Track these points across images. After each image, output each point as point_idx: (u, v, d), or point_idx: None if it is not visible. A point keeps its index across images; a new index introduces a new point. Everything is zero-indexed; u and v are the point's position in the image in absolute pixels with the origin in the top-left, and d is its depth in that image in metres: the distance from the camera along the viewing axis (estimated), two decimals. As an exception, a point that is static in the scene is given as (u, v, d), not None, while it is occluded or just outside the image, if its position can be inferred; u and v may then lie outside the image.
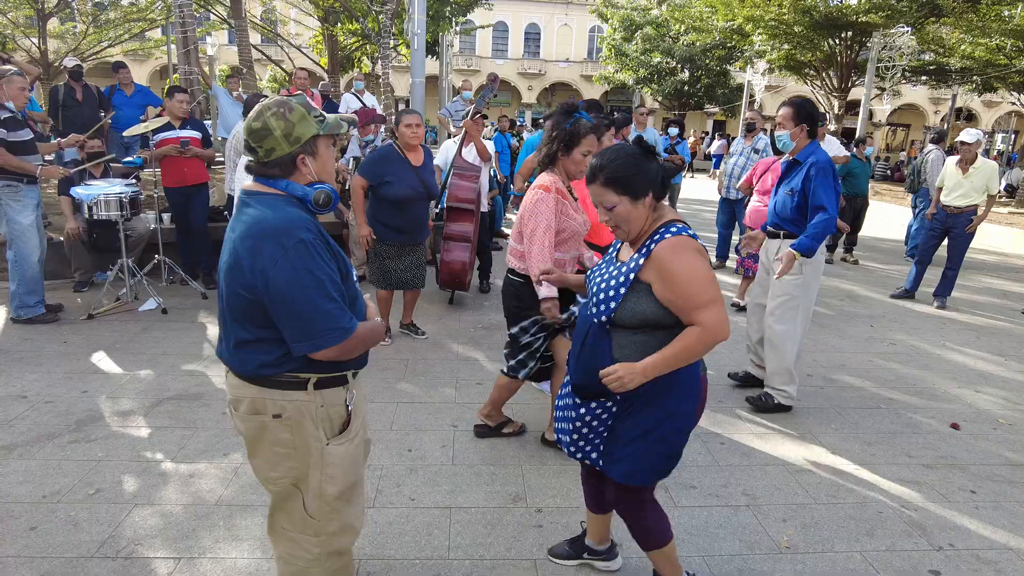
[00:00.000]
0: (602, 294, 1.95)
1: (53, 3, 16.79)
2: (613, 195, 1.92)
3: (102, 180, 5.53)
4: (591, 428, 2.08)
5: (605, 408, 2.03)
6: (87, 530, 2.57)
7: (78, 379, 3.97)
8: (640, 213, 1.93)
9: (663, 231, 1.91)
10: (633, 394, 1.94)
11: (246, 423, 1.78)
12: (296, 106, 1.69)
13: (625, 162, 1.92)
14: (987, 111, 38.31)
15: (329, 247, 1.70)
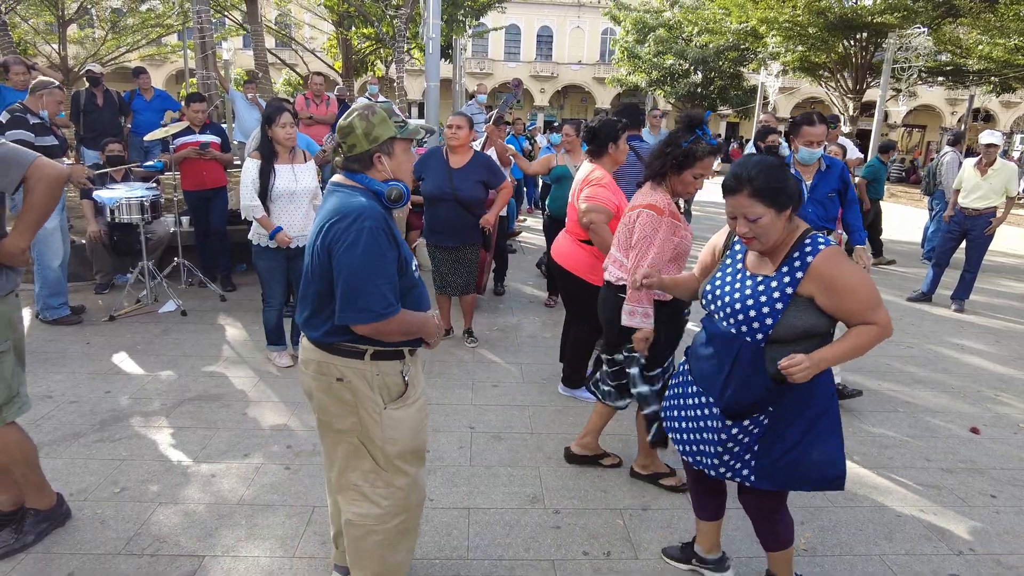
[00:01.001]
0: (752, 311, 1.94)
1: (73, 9, 17.08)
2: (760, 207, 1.89)
3: (123, 184, 5.62)
4: (743, 445, 2.06)
5: (758, 423, 2.03)
6: (114, 527, 2.62)
7: (101, 380, 4.04)
8: (780, 225, 1.92)
9: (809, 243, 1.93)
10: (784, 409, 1.98)
11: (317, 382, 1.99)
12: (379, 110, 1.91)
13: (772, 174, 1.90)
14: (1005, 112, 37.84)
15: (393, 239, 1.86)
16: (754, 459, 2.06)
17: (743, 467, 2.08)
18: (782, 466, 2.02)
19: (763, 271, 1.99)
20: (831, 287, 1.87)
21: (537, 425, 3.66)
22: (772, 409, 2.00)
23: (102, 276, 5.90)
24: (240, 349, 4.65)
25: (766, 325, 1.92)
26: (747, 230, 1.92)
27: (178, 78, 30.94)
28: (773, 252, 1.97)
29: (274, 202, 4.01)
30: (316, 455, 3.24)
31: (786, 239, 1.96)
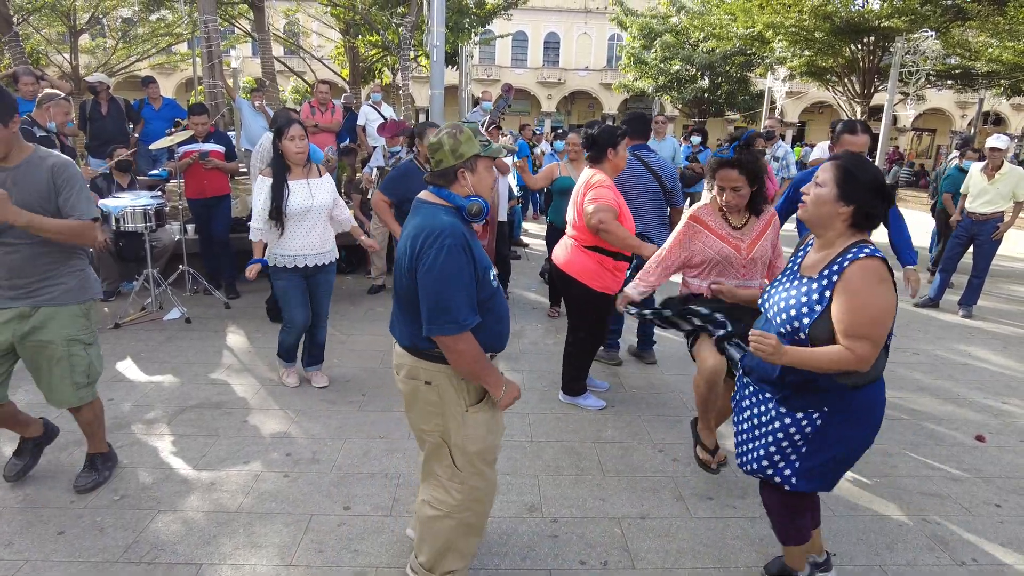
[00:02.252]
0: (792, 311, 2.03)
1: (84, 20, 17.28)
2: (831, 178, 1.99)
3: (128, 192, 5.67)
4: (793, 444, 2.12)
5: (811, 420, 2.07)
6: (112, 535, 2.63)
7: (105, 387, 4.05)
8: (834, 212, 1.98)
9: (856, 250, 1.96)
10: (837, 411, 2.04)
11: (405, 385, 2.19)
12: (466, 129, 2.07)
13: (862, 167, 1.99)
14: (1016, 115, 37.51)
15: (471, 253, 2.00)
16: (799, 460, 2.12)
17: (787, 467, 2.15)
18: (825, 469, 2.11)
19: (810, 273, 2.06)
20: (845, 290, 1.92)
21: (537, 433, 3.65)
22: (827, 409, 2.05)
23: (108, 284, 5.94)
24: (243, 357, 4.67)
25: (803, 324, 1.99)
26: (807, 195, 2.05)
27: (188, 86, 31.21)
28: (825, 255, 2.04)
29: (289, 219, 3.78)
30: (315, 463, 3.25)
31: (840, 243, 2.02)
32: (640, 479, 3.21)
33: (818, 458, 2.10)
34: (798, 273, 2.12)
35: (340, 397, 4.04)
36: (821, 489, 2.19)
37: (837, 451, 2.09)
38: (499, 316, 2.16)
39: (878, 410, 2.09)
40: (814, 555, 2.45)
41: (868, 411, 2.07)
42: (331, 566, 2.51)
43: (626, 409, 4.01)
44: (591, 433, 3.68)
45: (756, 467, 2.23)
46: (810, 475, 2.12)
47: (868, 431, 2.10)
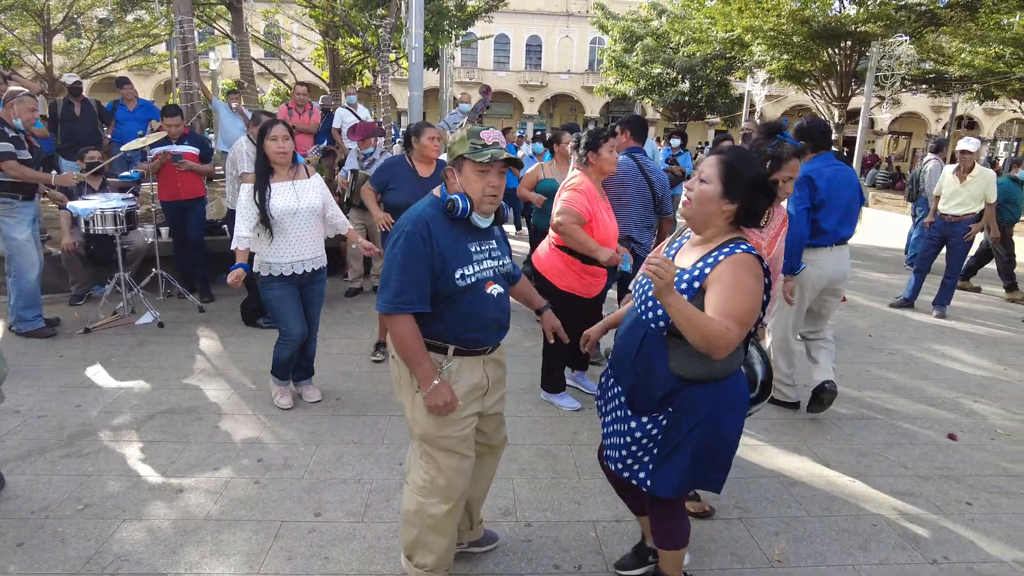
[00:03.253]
0: (654, 300, 1.96)
1: (59, 20, 17.01)
2: (716, 175, 1.93)
3: (99, 194, 5.56)
4: (642, 446, 2.06)
5: (657, 423, 2.02)
6: (74, 546, 2.56)
7: (72, 393, 3.97)
8: (716, 211, 1.93)
9: (733, 246, 1.91)
10: (684, 410, 1.96)
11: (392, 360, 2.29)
12: (461, 131, 2.15)
13: (748, 162, 1.93)
14: (989, 119, 38.26)
15: (432, 245, 2.06)
16: (652, 463, 2.05)
17: (640, 469, 2.09)
18: (675, 474, 2.02)
19: (682, 264, 2.01)
20: (720, 279, 1.86)
21: (513, 436, 3.62)
22: (672, 410, 1.98)
23: (78, 287, 5.83)
24: (217, 361, 4.59)
25: (666, 313, 1.88)
26: (690, 191, 1.98)
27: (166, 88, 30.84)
28: (701, 249, 1.99)
29: (276, 223, 3.56)
30: (287, 468, 3.20)
31: (717, 239, 1.96)
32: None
33: (673, 461, 2.01)
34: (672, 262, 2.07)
35: (314, 402, 3.98)
36: (683, 492, 2.06)
37: (691, 450, 1.99)
38: (469, 314, 2.14)
39: (731, 408, 2.00)
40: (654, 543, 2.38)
41: (720, 406, 1.97)
42: (301, 574, 2.47)
43: (603, 411, 4.00)
44: (567, 435, 3.67)
45: (615, 468, 2.17)
46: (666, 478, 2.03)
47: (722, 427, 1.99)
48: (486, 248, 2.21)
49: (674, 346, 1.95)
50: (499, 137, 2.13)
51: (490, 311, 2.20)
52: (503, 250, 2.31)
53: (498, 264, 2.25)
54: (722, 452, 2.04)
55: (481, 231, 2.20)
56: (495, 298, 2.21)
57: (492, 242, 2.25)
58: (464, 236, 2.15)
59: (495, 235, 2.30)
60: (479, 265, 2.16)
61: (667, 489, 2.04)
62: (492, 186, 2.12)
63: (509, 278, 2.34)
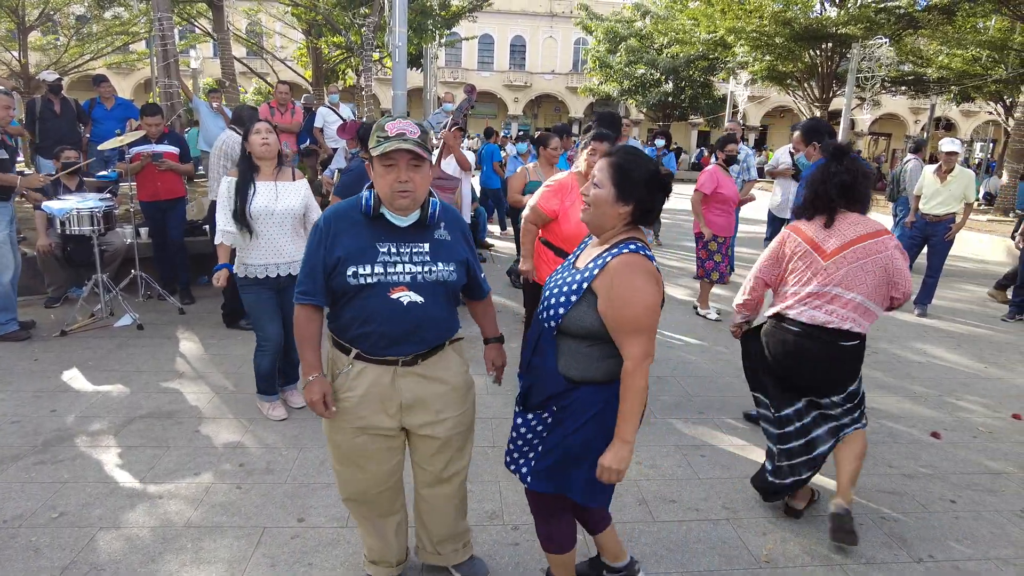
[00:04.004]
0: (553, 299, 1.94)
1: (34, 16, 16.69)
2: (608, 178, 1.90)
3: (75, 194, 5.45)
4: (527, 441, 2.04)
5: (541, 420, 2.00)
6: (48, 556, 2.49)
7: (47, 398, 3.88)
8: (611, 213, 1.90)
9: (623, 246, 1.88)
10: (568, 410, 1.93)
11: None
12: (376, 126, 1.97)
13: (636, 161, 1.90)
14: (965, 120, 38.91)
15: (331, 240, 2.00)
16: (536, 459, 2.03)
17: (524, 464, 2.06)
18: (556, 474, 1.99)
19: (579, 265, 1.98)
20: (608, 287, 1.83)
21: (499, 438, 3.59)
22: (556, 409, 1.95)
23: (54, 289, 5.70)
24: (197, 364, 4.51)
25: (558, 314, 1.90)
26: (587, 194, 1.94)
27: (146, 87, 30.44)
28: (597, 250, 1.96)
29: (255, 221, 3.48)
30: (269, 473, 3.14)
31: (612, 240, 1.93)
32: (603, 483, 3.18)
33: (551, 457, 1.98)
34: (573, 265, 2.03)
35: (299, 408, 3.92)
36: (560, 491, 2.01)
37: (570, 450, 1.95)
38: (363, 318, 2.01)
39: (610, 407, 1.92)
40: (607, 558, 2.36)
41: (604, 410, 1.91)
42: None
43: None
44: (555, 437, 3.64)
45: (506, 460, 2.14)
46: (545, 474, 2.00)
47: (605, 431, 1.92)
48: (407, 251, 2.02)
49: (563, 346, 1.93)
50: (406, 127, 1.92)
51: (393, 319, 2.00)
52: (444, 257, 2.07)
53: (423, 270, 2.02)
54: (594, 453, 1.93)
55: (407, 232, 2.03)
56: (403, 306, 2.00)
57: (424, 246, 2.04)
58: (378, 235, 2.01)
59: (434, 238, 2.08)
60: (387, 268, 1.98)
61: (541, 485, 2.02)
62: (400, 181, 1.92)
63: (449, 288, 2.10)
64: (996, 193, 17.02)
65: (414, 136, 1.92)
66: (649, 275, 1.84)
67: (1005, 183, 15.18)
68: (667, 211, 12.79)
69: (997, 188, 17.08)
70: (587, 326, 1.87)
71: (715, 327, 5.87)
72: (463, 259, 2.14)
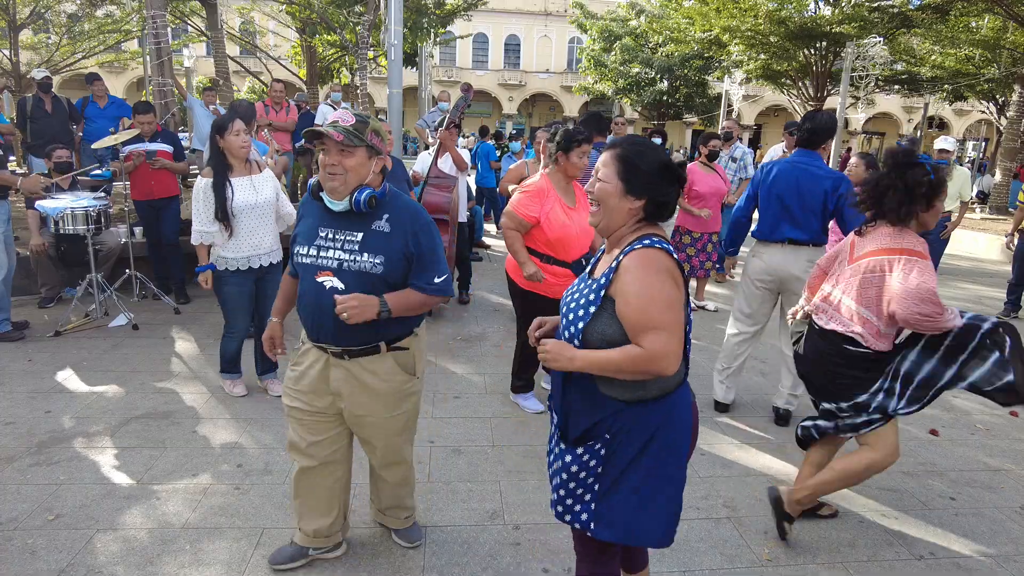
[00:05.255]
0: (571, 314, 1.76)
1: (25, 14, 16.57)
2: (614, 172, 1.75)
3: (69, 193, 5.40)
4: (581, 482, 1.77)
5: (594, 453, 1.74)
6: (44, 558, 2.46)
7: (42, 399, 3.84)
8: (621, 208, 1.75)
9: (637, 242, 1.71)
10: (621, 436, 1.71)
11: None
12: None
13: (644, 152, 1.74)
14: (958, 119, 39.12)
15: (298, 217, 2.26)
16: (594, 500, 1.76)
17: (582, 510, 1.77)
18: (623, 513, 1.73)
19: (596, 274, 1.81)
20: (620, 283, 1.67)
21: (499, 437, 3.58)
22: (608, 436, 1.72)
23: (48, 290, 5.65)
24: (193, 364, 4.48)
25: (578, 329, 1.71)
26: (593, 189, 1.80)
27: (139, 85, 30.27)
28: (611, 248, 1.81)
29: (237, 218, 3.59)
30: (267, 474, 3.12)
31: (626, 240, 1.75)
32: (604, 482, 3.17)
33: (613, 496, 1.73)
34: (589, 276, 1.86)
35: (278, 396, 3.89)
36: (630, 541, 1.75)
37: (634, 483, 1.72)
38: (300, 297, 2.22)
39: (677, 427, 1.74)
40: None
41: (662, 429, 1.71)
42: (283, 583, 2.40)
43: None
44: (554, 436, 3.63)
45: (555, 511, 1.85)
46: (610, 519, 1.73)
47: (668, 451, 1.73)
48: (341, 238, 2.09)
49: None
50: (341, 115, 2.04)
51: (314, 302, 2.13)
52: (373, 249, 2.07)
53: (349, 259, 2.07)
54: (665, 483, 1.74)
55: (345, 219, 2.11)
56: (325, 291, 2.09)
57: (357, 235, 2.09)
58: (323, 219, 2.14)
59: (371, 229, 2.10)
60: (320, 251, 2.10)
61: (611, 531, 1.74)
62: (327, 165, 2.05)
63: (375, 282, 2.08)
64: (989, 191, 17.13)
65: (345, 125, 2.03)
66: (665, 270, 1.66)
67: (998, 181, 15.27)
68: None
69: (990, 187, 17.19)
70: (610, 337, 1.67)
71: (714, 327, 5.87)
72: (400, 254, 2.11)
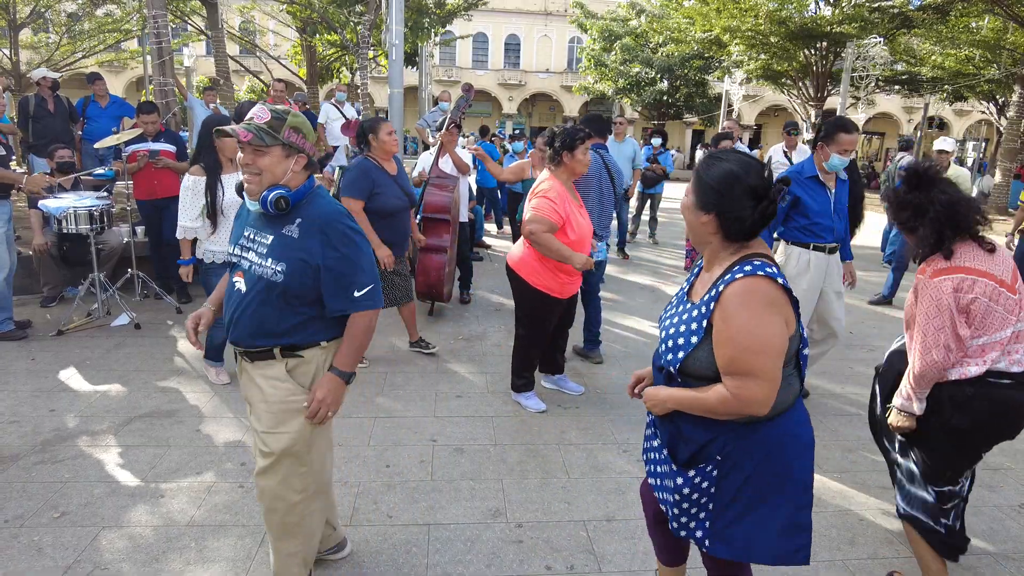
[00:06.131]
0: (671, 341, 1.72)
1: (26, 14, 16.57)
2: (691, 185, 1.72)
3: (72, 193, 5.41)
4: (693, 502, 1.75)
5: (705, 474, 1.71)
6: (51, 555, 2.48)
7: (46, 397, 3.86)
8: (699, 225, 1.69)
9: (738, 268, 1.62)
10: (734, 456, 1.68)
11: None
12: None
13: (712, 164, 1.67)
14: (958, 120, 39.12)
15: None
16: (708, 519, 1.75)
17: (697, 527, 1.77)
18: (739, 531, 1.71)
19: (694, 298, 1.75)
20: (720, 316, 1.60)
21: (501, 436, 3.60)
22: (720, 458, 1.69)
23: (50, 289, 5.67)
24: (196, 363, 4.49)
25: (678, 358, 1.68)
26: (680, 206, 1.78)
27: (139, 85, 30.26)
28: (709, 277, 1.73)
29: (225, 216, 3.75)
30: (271, 472, 3.13)
31: (726, 262, 1.68)
32: (605, 480, 3.19)
33: (728, 515, 1.71)
34: (687, 297, 1.81)
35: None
36: (748, 558, 1.72)
37: (745, 503, 1.69)
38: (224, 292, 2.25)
39: (792, 446, 1.69)
40: None
41: (777, 449, 1.68)
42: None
43: (589, 410, 3.99)
44: (555, 435, 3.65)
45: (672, 527, 1.85)
46: (725, 537, 1.72)
47: (784, 470, 1.68)
48: (257, 240, 2.04)
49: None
50: (256, 111, 1.96)
51: (227, 301, 2.13)
52: (277, 255, 1.98)
53: (257, 263, 2.01)
54: (786, 504, 1.69)
55: (263, 221, 2.05)
56: (234, 291, 2.08)
57: (268, 238, 2.01)
58: (251, 218, 2.12)
59: (281, 233, 2.00)
60: (240, 251, 2.09)
61: (728, 549, 1.72)
62: (243, 164, 1.97)
63: (274, 290, 1.99)
64: (989, 192, 17.15)
65: (259, 122, 1.94)
66: (768, 304, 1.57)
67: (998, 182, 15.29)
68: (664, 210, 12.82)
69: (990, 187, 17.21)
70: (715, 369, 1.63)
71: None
72: (304, 264, 1.97)
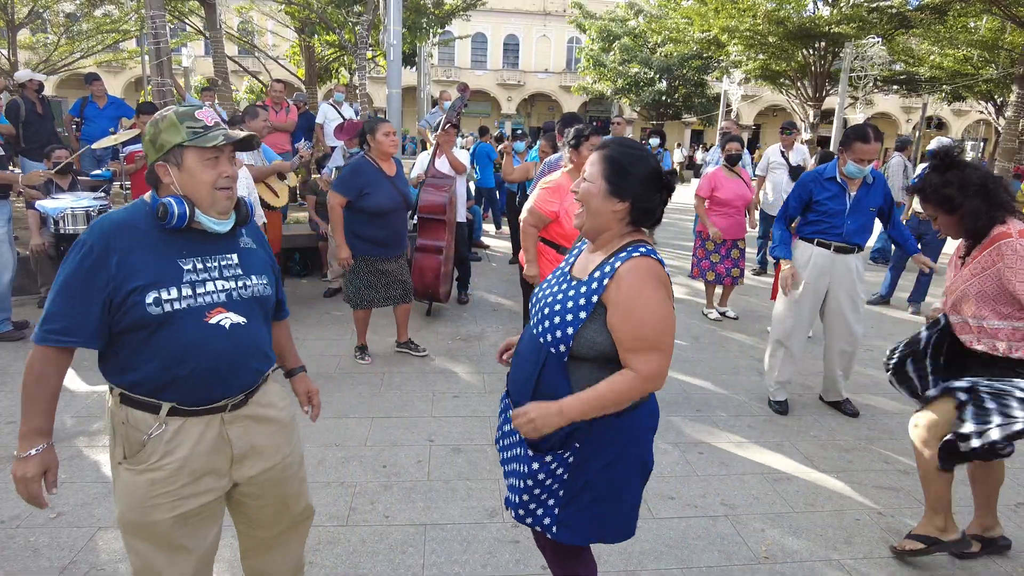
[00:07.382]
0: (556, 317, 1.69)
1: (24, 14, 16.56)
2: (598, 172, 1.72)
3: (69, 193, 5.41)
4: (545, 488, 1.75)
5: (562, 462, 1.71)
6: (47, 556, 2.48)
7: (43, 398, 3.85)
8: (605, 210, 1.71)
9: (631, 249, 1.69)
10: (592, 445, 1.70)
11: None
12: (171, 114, 1.63)
13: (630, 154, 1.72)
14: (957, 120, 39.17)
15: (109, 260, 1.55)
16: (557, 505, 1.74)
17: (545, 514, 1.76)
18: (588, 516, 1.73)
19: (580, 275, 1.76)
20: (618, 298, 1.62)
21: (498, 436, 3.60)
22: (579, 445, 1.69)
23: (47, 289, 5.65)
24: (193, 363, 4.49)
25: (567, 335, 1.66)
26: (579, 192, 1.76)
27: (137, 85, 30.27)
28: (598, 256, 1.75)
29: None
30: (268, 473, 3.13)
31: (615, 244, 1.73)
32: (602, 480, 3.19)
33: (578, 502, 1.73)
34: (569, 274, 1.81)
35: (292, 404, 3.90)
36: (594, 540, 1.78)
37: (598, 490, 1.72)
38: (176, 357, 1.60)
39: (649, 432, 1.78)
40: None
41: (638, 434, 1.75)
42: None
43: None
44: (553, 435, 3.65)
45: (515, 513, 1.83)
46: (571, 524, 1.74)
47: (643, 455, 1.77)
48: (214, 265, 1.67)
49: (579, 372, 1.69)
50: (218, 116, 1.71)
51: (218, 349, 1.64)
52: (256, 269, 1.76)
53: (238, 286, 1.70)
54: (625, 490, 1.75)
55: (213, 243, 1.68)
56: (227, 331, 1.65)
57: (232, 257, 1.71)
58: (178, 250, 1.62)
59: (241, 248, 1.75)
60: (197, 288, 1.62)
61: (573, 535, 1.75)
62: (225, 176, 1.65)
63: (265, 306, 1.78)
64: (987, 191, 17.16)
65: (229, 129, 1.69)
66: (660, 283, 1.65)
67: (996, 181, 15.28)
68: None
69: (988, 186, 17.21)
70: (601, 347, 1.65)
71: (712, 326, 5.89)
72: (271, 271, 1.84)
